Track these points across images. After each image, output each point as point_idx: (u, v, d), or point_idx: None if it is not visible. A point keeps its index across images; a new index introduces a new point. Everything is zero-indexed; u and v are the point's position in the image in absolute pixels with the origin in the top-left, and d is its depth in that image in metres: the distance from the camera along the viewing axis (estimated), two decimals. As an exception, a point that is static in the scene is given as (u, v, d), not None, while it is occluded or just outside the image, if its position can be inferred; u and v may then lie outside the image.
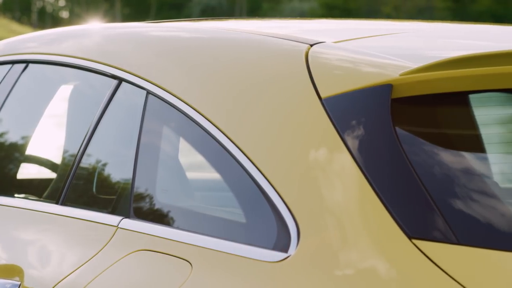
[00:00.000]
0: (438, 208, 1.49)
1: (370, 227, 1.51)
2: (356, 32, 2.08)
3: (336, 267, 1.50)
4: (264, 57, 1.83)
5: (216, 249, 1.66)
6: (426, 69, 1.60)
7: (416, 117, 1.63)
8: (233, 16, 2.89)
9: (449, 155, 1.59)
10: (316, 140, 1.63)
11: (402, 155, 1.55)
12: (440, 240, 1.46)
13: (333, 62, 1.75)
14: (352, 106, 1.62)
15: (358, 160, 1.56)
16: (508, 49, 1.69)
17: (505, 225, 1.48)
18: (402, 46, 1.90)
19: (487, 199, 1.52)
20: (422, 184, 1.51)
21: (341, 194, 1.55)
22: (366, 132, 1.59)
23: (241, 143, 1.71)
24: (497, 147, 1.68)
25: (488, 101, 1.71)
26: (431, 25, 2.32)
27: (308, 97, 1.67)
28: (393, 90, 1.61)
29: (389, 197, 1.51)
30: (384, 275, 1.46)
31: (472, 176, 1.56)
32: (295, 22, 2.42)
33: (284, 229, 1.59)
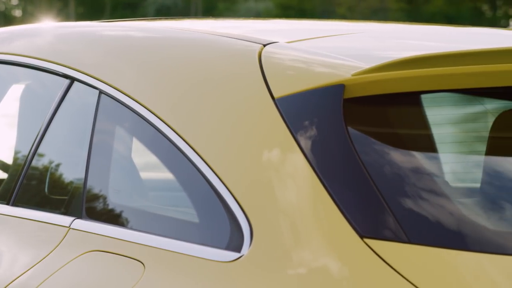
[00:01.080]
0: (389, 208, 1.50)
1: (323, 226, 1.52)
2: (309, 33, 2.09)
3: (289, 267, 1.50)
4: (217, 57, 1.83)
5: (168, 249, 1.65)
6: (378, 70, 1.61)
7: (368, 117, 1.64)
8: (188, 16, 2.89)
9: (401, 155, 1.60)
10: (269, 140, 1.64)
11: (354, 155, 1.56)
12: (391, 239, 1.47)
13: (286, 62, 1.75)
14: (305, 106, 1.63)
15: (311, 160, 1.57)
16: (459, 49, 1.71)
17: (454, 224, 1.50)
18: (355, 46, 1.92)
19: (438, 199, 1.54)
20: (374, 183, 1.53)
21: (294, 194, 1.56)
22: (319, 132, 1.59)
23: (194, 143, 1.71)
24: (448, 147, 1.70)
25: (440, 101, 1.73)
26: (384, 26, 2.34)
27: (261, 97, 1.67)
28: (345, 90, 1.62)
29: (341, 197, 1.52)
30: (335, 274, 1.47)
31: (423, 176, 1.57)
32: (249, 22, 2.43)
33: (237, 229, 1.59)
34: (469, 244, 1.47)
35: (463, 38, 2.15)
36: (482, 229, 1.50)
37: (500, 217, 1.54)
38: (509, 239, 1.49)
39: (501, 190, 1.61)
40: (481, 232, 1.49)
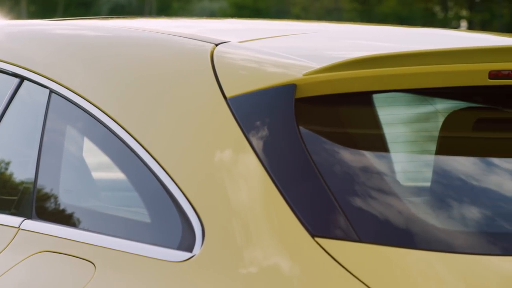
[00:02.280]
0: (340, 207, 1.51)
1: (274, 226, 1.52)
2: (262, 32, 2.09)
3: (240, 266, 1.50)
4: (169, 56, 1.82)
5: (120, 250, 1.64)
6: (329, 69, 1.61)
7: (320, 117, 1.65)
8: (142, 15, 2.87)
9: (352, 154, 1.61)
10: (221, 140, 1.64)
11: (305, 154, 1.56)
12: (342, 238, 1.48)
13: (238, 61, 1.75)
14: (257, 105, 1.63)
15: (263, 159, 1.57)
16: (410, 50, 1.72)
17: (404, 223, 1.51)
18: (307, 46, 1.92)
19: (388, 198, 1.55)
20: (325, 183, 1.53)
21: (246, 193, 1.56)
22: (271, 131, 1.60)
23: (146, 143, 1.70)
24: (399, 146, 1.72)
25: (391, 101, 1.74)
26: (337, 26, 2.35)
27: (213, 97, 1.67)
28: (297, 90, 1.62)
29: (293, 197, 1.53)
30: (286, 272, 1.47)
31: (373, 175, 1.58)
32: (202, 21, 2.42)
33: (189, 229, 1.59)
34: (418, 242, 1.48)
35: (414, 38, 2.17)
36: (431, 227, 1.51)
37: (449, 216, 1.55)
38: (456, 237, 1.50)
39: (450, 189, 1.63)
40: (430, 230, 1.50)
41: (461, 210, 1.57)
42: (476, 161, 1.67)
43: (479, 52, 1.66)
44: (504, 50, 1.68)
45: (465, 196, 1.60)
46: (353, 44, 1.99)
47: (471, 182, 1.63)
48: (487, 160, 1.68)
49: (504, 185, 1.63)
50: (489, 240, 1.51)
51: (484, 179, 1.64)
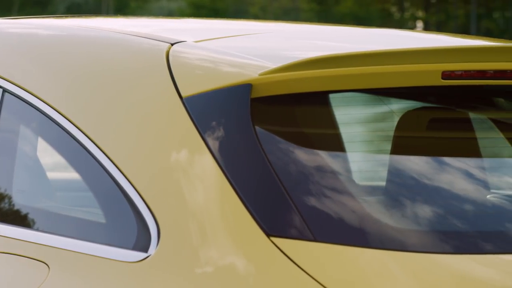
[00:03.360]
0: (296, 207, 1.52)
1: (230, 226, 1.52)
2: (218, 32, 2.09)
3: (196, 266, 1.50)
4: (124, 56, 1.82)
5: (74, 250, 1.63)
6: (284, 69, 1.62)
7: (276, 117, 1.65)
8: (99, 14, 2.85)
9: (308, 154, 1.61)
10: (177, 139, 1.63)
11: (261, 154, 1.57)
12: (297, 237, 1.48)
13: (194, 61, 1.75)
14: (213, 105, 1.63)
15: (219, 159, 1.57)
16: (365, 50, 1.73)
17: (359, 222, 1.52)
18: (263, 46, 1.92)
19: (343, 197, 1.56)
20: (281, 183, 1.54)
21: (201, 194, 1.56)
22: (226, 131, 1.60)
23: (101, 143, 1.69)
24: (355, 146, 1.73)
25: (347, 101, 1.75)
26: (294, 26, 2.36)
27: (169, 97, 1.67)
28: (252, 89, 1.62)
29: (249, 196, 1.53)
30: (242, 272, 1.48)
31: (329, 175, 1.59)
32: (159, 21, 2.41)
33: (144, 229, 1.58)
34: (372, 241, 1.49)
35: (370, 39, 2.18)
36: (385, 226, 1.52)
37: (402, 215, 1.57)
38: (410, 236, 1.52)
39: (404, 188, 1.64)
40: (384, 229, 1.52)
41: (414, 209, 1.58)
42: (429, 161, 1.69)
43: (432, 53, 1.68)
44: (457, 50, 1.70)
45: (418, 195, 1.61)
46: (309, 44, 2.00)
47: (425, 181, 1.65)
48: (440, 160, 1.70)
49: (456, 184, 1.65)
50: (442, 238, 1.52)
51: (437, 178, 1.65)
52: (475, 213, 1.61)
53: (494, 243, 1.53)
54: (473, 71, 1.68)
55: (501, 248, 1.52)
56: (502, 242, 1.53)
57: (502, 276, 1.48)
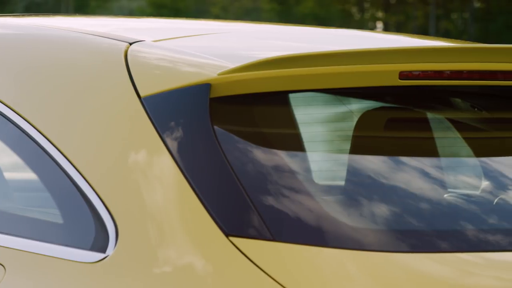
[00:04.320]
0: (254, 206, 1.52)
1: (188, 225, 1.52)
2: (177, 31, 2.08)
3: (154, 266, 1.50)
4: (82, 55, 1.80)
5: (31, 251, 1.62)
6: (243, 69, 1.62)
7: (235, 117, 1.65)
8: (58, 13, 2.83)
9: (267, 154, 1.62)
10: (135, 139, 1.63)
11: (220, 154, 1.57)
12: (256, 237, 1.49)
13: (152, 61, 1.74)
14: (171, 105, 1.63)
15: (177, 159, 1.56)
16: (324, 50, 1.74)
17: (317, 221, 1.53)
18: (223, 46, 1.92)
19: (302, 197, 1.56)
20: (240, 183, 1.54)
21: (160, 194, 1.55)
22: (185, 131, 1.59)
23: (59, 143, 1.68)
24: (314, 146, 1.73)
25: (306, 101, 1.75)
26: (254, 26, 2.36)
27: (128, 96, 1.66)
28: (211, 89, 1.62)
29: (207, 196, 1.53)
30: (200, 271, 1.47)
31: (288, 174, 1.59)
32: (118, 20, 2.40)
33: (102, 229, 1.57)
34: (330, 241, 1.50)
35: (330, 39, 2.19)
36: (343, 226, 1.53)
37: (360, 214, 1.58)
38: (367, 235, 1.53)
39: (362, 188, 1.65)
40: (342, 229, 1.52)
41: (372, 208, 1.59)
42: (387, 160, 1.70)
43: (390, 53, 1.69)
44: (414, 51, 1.71)
45: (376, 195, 1.63)
46: (269, 44, 2.01)
47: (383, 180, 1.66)
48: (398, 159, 1.71)
49: (413, 183, 1.67)
50: (398, 237, 1.53)
51: (395, 177, 1.67)
52: (432, 212, 1.62)
53: (450, 241, 1.55)
54: (430, 71, 1.69)
55: (457, 246, 1.54)
56: (458, 241, 1.55)
57: (457, 275, 1.50)
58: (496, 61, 1.72)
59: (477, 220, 1.62)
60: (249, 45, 1.97)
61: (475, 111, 1.88)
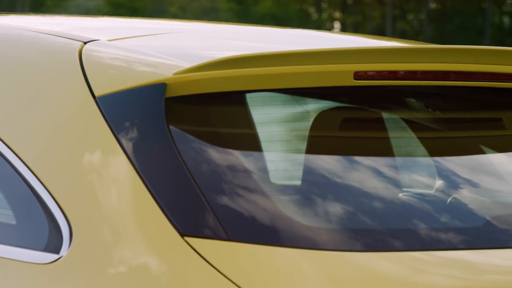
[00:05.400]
0: (210, 206, 1.52)
1: (143, 226, 1.51)
2: (133, 31, 2.07)
3: (109, 266, 1.49)
4: (36, 54, 1.79)
5: None
6: (199, 69, 1.62)
7: (191, 116, 1.65)
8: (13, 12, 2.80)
9: (223, 154, 1.62)
10: (90, 139, 1.62)
11: (176, 154, 1.56)
12: (211, 237, 1.48)
13: (107, 60, 1.73)
14: (126, 105, 1.62)
15: (132, 159, 1.56)
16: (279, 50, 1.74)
17: (272, 221, 1.53)
18: (179, 45, 1.92)
19: (258, 197, 1.56)
20: (195, 183, 1.54)
21: (115, 194, 1.55)
22: (140, 131, 1.59)
23: (12, 143, 1.66)
24: (270, 146, 1.74)
25: (262, 101, 1.76)
26: (211, 26, 2.36)
27: (82, 96, 1.65)
28: (167, 89, 1.61)
29: (163, 196, 1.52)
30: (155, 271, 1.47)
31: (244, 174, 1.60)
32: (73, 19, 2.38)
33: (56, 230, 1.56)
34: (285, 240, 1.50)
35: (287, 39, 2.19)
36: (298, 225, 1.53)
37: (315, 214, 1.58)
38: (321, 234, 1.53)
39: (317, 187, 1.66)
40: (297, 228, 1.53)
41: (327, 208, 1.60)
42: (343, 160, 1.71)
43: (345, 53, 1.69)
44: (369, 51, 1.72)
45: (331, 194, 1.63)
46: (226, 44, 2.00)
47: (338, 180, 1.66)
48: (354, 159, 1.72)
49: (368, 183, 1.68)
50: (352, 236, 1.54)
51: (350, 177, 1.68)
52: (386, 211, 1.64)
53: (403, 240, 1.56)
54: (384, 71, 1.70)
55: (410, 245, 1.55)
56: (411, 240, 1.56)
57: (410, 273, 1.51)
58: (449, 61, 1.74)
59: (431, 219, 1.63)
60: (205, 45, 1.97)
61: (429, 111, 1.90)
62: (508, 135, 1.89)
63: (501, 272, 1.55)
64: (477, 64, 1.76)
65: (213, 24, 2.40)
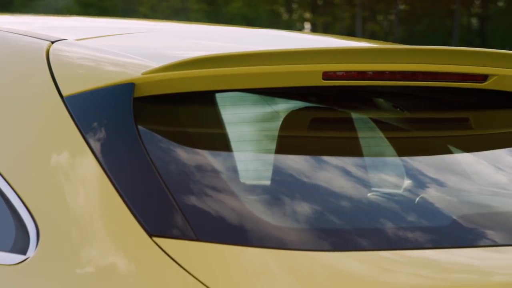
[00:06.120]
0: (178, 206, 1.51)
1: (111, 226, 1.51)
2: (101, 30, 2.06)
3: (77, 266, 1.48)
4: (3, 53, 1.77)
5: None
6: (168, 69, 1.61)
7: (159, 116, 1.64)
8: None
9: (192, 154, 1.61)
10: (58, 140, 1.61)
11: (144, 154, 1.56)
12: (179, 237, 1.48)
13: (75, 60, 1.72)
14: (94, 105, 1.61)
15: (101, 160, 1.55)
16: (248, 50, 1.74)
17: (241, 221, 1.53)
18: (147, 45, 1.91)
19: (226, 197, 1.56)
20: (164, 183, 1.53)
21: (83, 194, 1.54)
22: (108, 131, 1.58)
23: None
24: (240, 146, 1.73)
25: (232, 100, 1.75)
26: (181, 26, 2.36)
27: (50, 96, 1.64)
28: (135, 89, 1.61)
29: (131, 197, 1.52)
30: (123, 272, 1.46)
31: (213, 175, 1.59)
32: (41, 18, 2.37)
33: (23, 231, 1.55)
34: (253, 240, 1.50)
35: (256, 39, 2.20)
36: (266, 225, 1.53)
37: (284, 213, 1.58)
38: (289, 234, 1.53)
39: (286, 187, 1.66)
40: (265, 228, 1.53)
41: (295, 207, 1.60)
42: (312, 160, 1.72)
43: (313, 54, 1.70)
44: (337, 52, 1.72)
45: (300, 194, 1.63)
46: (195, 44, 2.00)
47: (307, 180, 1.67)
48: (323, 159, 1.72)
49: (337, 182, 1.68)
50: (321, 236, 1.55)
51: (319, 177, 1.68)
52: (355, 211, 1.64)
53: (371, 239, 1.56)
54: (353, 72, 1.71)
55: (377, 244, 1.55)
56: (378, 239, 1.57)
57: (377, 272, 1.52)
58: (417, 62, 1.75)
59: (398, 219, 1.64)
60: (175, 45, 1.97)
61: (397, 111, 1.91)
62: (475, 135, 1.90)
63: (467, 271, 1.56)
64: (445, 65, 1.77)
65: (183, 24, 2.40)
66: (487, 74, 1.82)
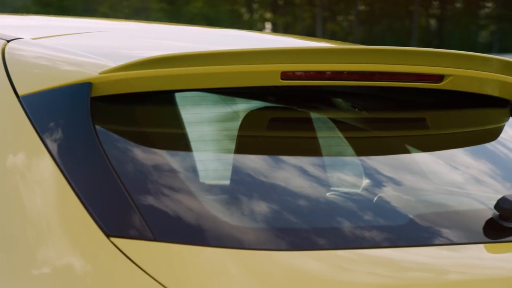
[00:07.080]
0: (136, 207, 1.51)
1: (68, 227, 1.50)
2: (58, 29, 2.05)
3: (33, 267, 1.47)
4: None
5: None
6: (125, 68, 1.60)
7: (117, 116, 1.63)
8: None
9: (150, 154, 1.61)
10: (14, 140, 1.59)
11: (101, 154, 1.55)
12: (137, 237, 1.47)
13: (31, 59, 1.71)
14: (51, 104, 1.60)
15: (58, 160, 1.54)
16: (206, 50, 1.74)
17: (199, 221, 1.53)
18: (105, 45, 1.90)
19: (184, 197, 1.56)
20: (121, 183, 1.52)
21: (40, 194, 1.52)
22: (65, 131, 1.57)
23: None
24: (199, 146, 1.73)
25: (190, 100, 1.75)
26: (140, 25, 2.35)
27: (5, 95, 1.62)
28: (92, 88, 1.60)
29: (88, 197, 1.51)
30: (80, 272, 1.46)
31: (171, 175, 1.59)
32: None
33: None
34: (211, 240, 1.50)
35: (216, 39, 2.19)
36: (224, 225, 1.53)
37: (242, 213, 1.58)
38: (247, 233, 1.53)
39: (244, 187, 1.66)
40: (223, 228, 1.53)
41: (254, 207, 1.60)
42: (271, 160, 1.72)
43: (272, 54, 1.70)
44: (296, 52, 1.73)
45: (258, 194, 1.64)
46: (154, 44, 1.99)
47: (266, 180, 1.67)
48: (282, 159, 1.72)
49: (296, 182, 1.68)
50: (278, 235, 1.55)
51: (278, 176, 1.68)
52: (313, 210, 1.65)
53: (328, 239, 1.57)
54: (311, 72, 1.71)
55: (334, 243, 1.56)
56: (336, 238, 1.57)
57: (334, 271, 1.52)
58: (374, 62, 1.76)
59: (356, 218, 1.65)
60: (133, 44, 1.96)
61: (355, 111, 1.92)
62: (431, 135, 1.92)
63: (423, 270, 1.58)
64: (402, 65, 1.78)
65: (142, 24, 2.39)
66: (443, 75, 1.83)
